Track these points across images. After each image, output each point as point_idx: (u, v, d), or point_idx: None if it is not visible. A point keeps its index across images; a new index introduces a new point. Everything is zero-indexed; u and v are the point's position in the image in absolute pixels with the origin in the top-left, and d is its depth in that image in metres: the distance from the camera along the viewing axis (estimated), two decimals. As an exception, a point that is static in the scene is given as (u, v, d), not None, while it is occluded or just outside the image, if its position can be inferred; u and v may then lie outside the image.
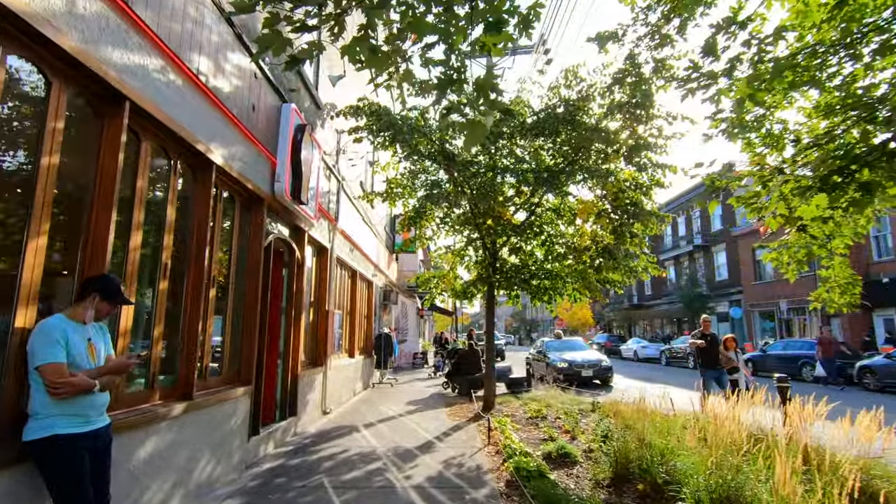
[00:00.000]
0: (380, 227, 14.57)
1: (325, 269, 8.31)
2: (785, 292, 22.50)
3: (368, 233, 12.45)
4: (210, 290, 4.40)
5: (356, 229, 10.74)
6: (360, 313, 12.15)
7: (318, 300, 8.18)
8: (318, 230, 7.64)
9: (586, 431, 6.90)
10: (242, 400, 4.85)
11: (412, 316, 22.41)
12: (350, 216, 10.04)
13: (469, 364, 11.33)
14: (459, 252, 10.58)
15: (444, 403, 9.83)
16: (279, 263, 6.53)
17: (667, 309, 35.11)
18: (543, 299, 9.29)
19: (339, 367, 9.17)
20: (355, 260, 10.92)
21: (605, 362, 13.91)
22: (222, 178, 4.58)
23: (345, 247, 9.74)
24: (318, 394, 7.77)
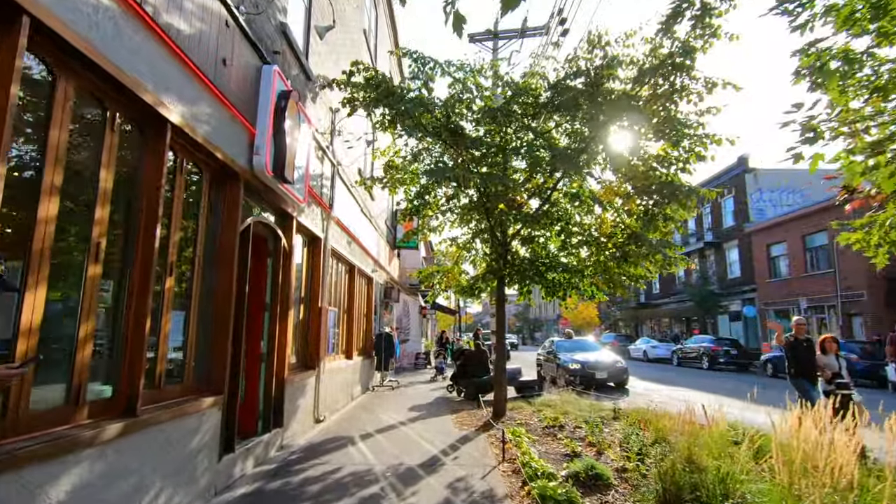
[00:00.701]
0: (380, 220, 13.75)
1: (318, 261, 7.48)
2: (804, 290, 21.58)
3: (368, 226, 11.63)
4: (167, 280, 3.57)
5: (354, 221, 9.91)
6: (358, 311, 11.33)
7: (309, 296, 7.35)
8: (308, 217, 6.81)
9: (613, 444, 6.05)
10: (210, 412, 4.03)
11: (414, 315, 21.58)
12: (347, 205, 9.22)
13: (476, 366, 10.49)
14: (465, 245, 9.76)
15: (449, 409, 9.00)
16: (262, 252, 5.71)
17: (675, 308, 34.20)
18: (558, 295, 8.46)
19: (334, 370, 8.35)
20: (353, 254, 10.09)
21: (620, 364, 13.05)
22: (183, 143, 3.75)
23: (341, 238, 8.92)
24: (310, 400, 6.95)
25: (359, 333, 11.36)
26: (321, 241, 7.53)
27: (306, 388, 6.77)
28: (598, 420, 7.35)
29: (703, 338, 22.88)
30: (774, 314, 24.88)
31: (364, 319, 12.21)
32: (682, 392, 12.37)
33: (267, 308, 5.65)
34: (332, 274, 8.83)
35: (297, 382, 6.36)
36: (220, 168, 4.33)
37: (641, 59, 5.85)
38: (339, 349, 9.28)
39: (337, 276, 9.25)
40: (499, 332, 8.32)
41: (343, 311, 9.89)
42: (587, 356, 13.41)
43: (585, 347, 14.61)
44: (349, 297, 10.27)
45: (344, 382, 9.11)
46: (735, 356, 20.18)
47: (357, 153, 9.89)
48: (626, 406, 8.75)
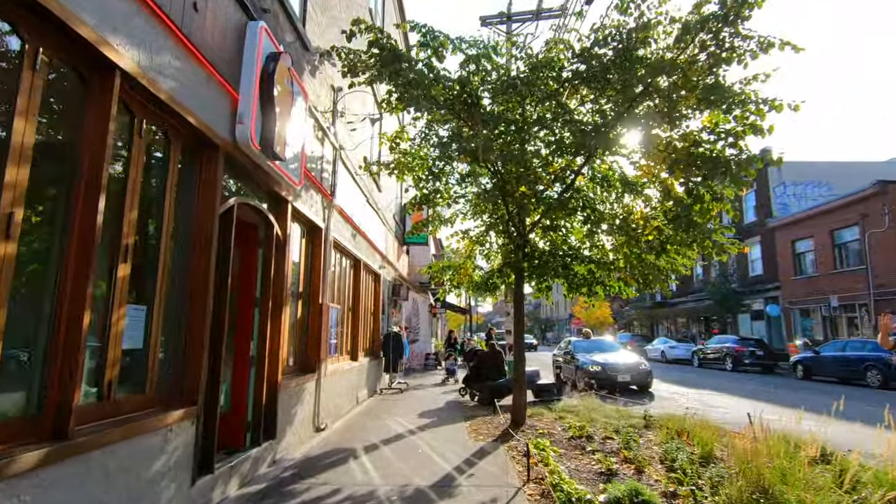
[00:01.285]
0: (388, 214, 13.07)
1: (318, 253, 6.80)
2: (834, 287, 20.52)
3: (374, 218, 10.95)
4: (120, 266, 2.90)
5: (359, 212, 9.23)
6: (365, 309, 10.65)
7: (309, 291, 6.67)
8: (306, 204, 6.13)
9: (653, 460, 5.28)
10: (181, 428, 3.35)
11: (424, 314, 20.90)
12: (351, 194, 8.54)
13: (491, 368, 9.76)
14: (478, 238, 9.04)
15: (462, 416, 8.28)
16: (251, 240, 5.04)
17: (693, 307, 33.11)
18: (581, 291, 7.71)
19: (337, 373, 7.67)
20: (359, 248, 9.41)
21: (643, 365, 12.23)
22: (142, 101, 3.08)
23: (345, 230, 8.23)
24: (309, 407, 6.27)
25: (365, 333, 10.68)
26: (322, 231, 6.84)
27: (305, 394, 6.09)
28: (629, 430, 6.58)
29: (726, 338, 21.90)
30: (799, 313, 23.81)
31: (371, 318, 11.53)
32: (712, 396, 11.52)
33: (257, 304, 4.97)
34: (335, 268, 8.15)
35: (294, 387, 5.68)
36: (193, 136, 3.64)
37: (684, 17, 5.06)
38: (342, 350, 8.61)
39: (340, 271, 8.57)
40: (517, 331, 7.57)
41: (347, 309, 9.21)
42: (607, 357, 12.60)
43: (605, 348, 13.79)
44: (354, 294, 9.59)
45: (348, 386, 8.43)
46: (761, 357, 19.20)
47: (362, 136, 9.20)
48: (656, 412, 7.97)
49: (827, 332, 21.82)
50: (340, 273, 8.57)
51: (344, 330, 8.74)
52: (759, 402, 10.59)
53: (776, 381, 15.61)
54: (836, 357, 15.08)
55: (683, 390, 12.57)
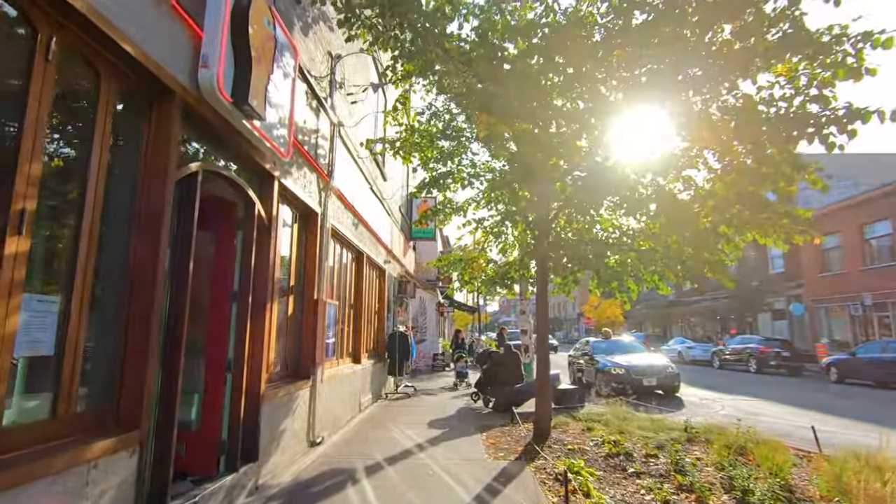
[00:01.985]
0: (393, 205, 12.19)
1: (313, 242, 5.93)
2: (867, 284, 19.38)
3: (379, 208, 10.07)
4: (10, 241, 2.03)
5: (362, 199, 8.36)
6: (368, 307, 9.78)
7: (302, 285, 5.81)
8: (298, 183, 5.26)
9: (715, 488, 4.36)
10: (113, 462, 2.48)
11: (431, 313, 20.03)
12: (352, 178, 7.66)
13: (507, 372, 8.86)
14: (493, 228, 8.14)
15: (476, 425, 7.38)
16: (226, 220, 4.17)
17: (710, 306, 32.01)
18: (611, 286, 6.80)
19: (336, 378, 6.80)
20: (361, 239, 8.54)
21: (671, 368, 11.27)
22: (51, 13, 2.20)
23: (345, 218, 7.36)
24: (302, 419, 5.40)
25: (368, 333, 9.81)
26: (317, 216, 5.97)
27: (296, 404, 5.22)
28: (674, 445, 5.66)
29: (750, 338, 20.83)
30: (824, 312, 22.69)
31: (375, 317, 10.66)
32: (749, 403, 10.53)
33: (235, 299, 4.10)
34: (334, 260, 7.28)
35: (283, 397, 4.81)
36: (136, 75, 2.77)
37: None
38: (343, 352, 7.73)
39: (340, 265, 7.70)
40: (541, 330, 6.66)
41: (349, 306, 8.34)
42: (631, 359, 11.66)
43: (627, 348, 12.84)
44: (356, 290, 8.72)
45: (349, 392, 7.56)
46: (787, 359, 18.13)
47: (364, 111, 8.29)
48: (693, 420, 7.04)
49: (856, 332, 20.71)
50: (340, 267, 7.70)
51: (344, 329, 7.88)
52: (804, 409, 9.63)
53: (808, 384, 14.57)
54: (874, 359, 14.02)
55: (714, 395, 11.59)
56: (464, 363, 11.23)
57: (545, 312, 6.67)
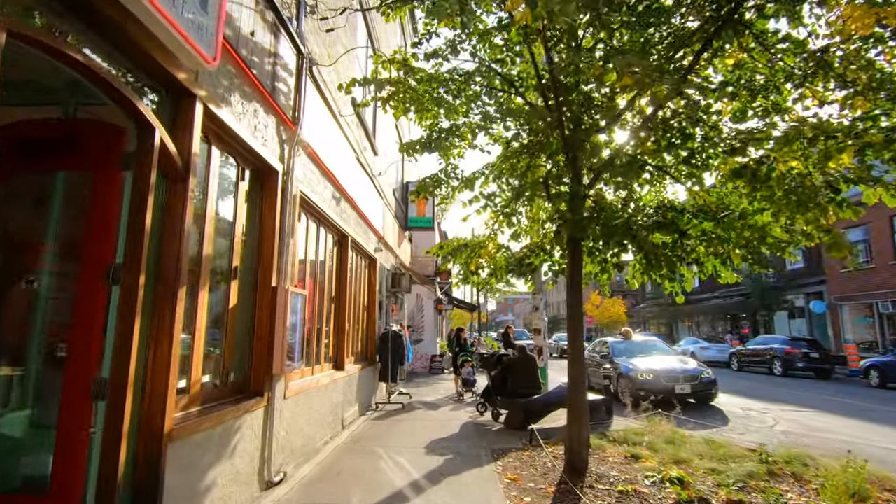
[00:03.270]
0: (386, 187, 10.64)
1: (271, 208, 4.37)
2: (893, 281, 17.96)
3: (368, 186, 8.52)
4: None
5: (346, 170, 6.81)
6: (355, 302, 8.23)
7: (255, 268, 4.25)
8: (243, 119, 3.71)
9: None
10: None
11: (429, 310, 18.49)
12: (332, 140, 6.12)
13: (521, 379, 7.32)
14: (506, 207, 6.61)
15: (487, 449, 5.85)
16: (102, 153, 2.61)
17: (720, 304, 30.59)
18: (660, 273, 5.29)
19: (308, 391, 5.26)
20: (345, 219, 6.99)
21: (706, 373, 9.76)
22: None
23: (322, 188, 5.82)
24: (251, 455, 3.84)
25: (355, 333, 8.26)
26: (278, 176, 4.41)
27: (240, 435, 3.66)
28: (768, 488, 4.14)
29: (774, 337, 19.37)
30: (848, 310, 21.26)
31: (364, 314, 9.11)
32: (802, 414, 8.99)
33: (115, 278, 2.54)
34: (308, 241, 5.73)
35: (212, 429, 3.26)
36: None
37: None
38: (319, 357, 6.17)
39: (317, 247, 6.15)
40: (574, 323, 5.12)
41: (329, 300, 6.79)
42: (659, 362, 10.14)
43: (650, 350, 11.33)
44: (339, 280, 7.17)
45: (327, 407, 6.02)
46: (815, 360, 16.68)
47: (350, 55, 6.71)
48: (748, 439, 5.55)
49: (885, 331, 19.31)
50: (317, 250, 6.14)
51: (322, 329, 6.32)
52: (871, 422, 8.13)
53: (847, 389, 13.10)
54: (924, 361, 12.57)
55: (754, 404, 10.07)
56: (470, 368, 9.62)
57: (579, 303, 5.14)
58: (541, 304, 9.49)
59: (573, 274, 5.07)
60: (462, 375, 9.26)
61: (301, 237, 5.49)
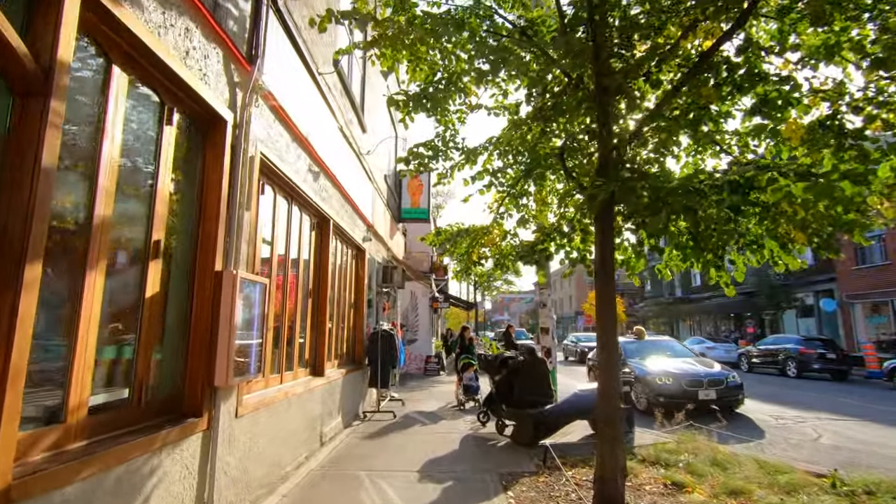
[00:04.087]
0: (376, 171, 9.60)
1: (215, 169, 3.33)
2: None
3: (355, 165, 7.49)
4: None
5: (327, 141, 5.79)
6: (339, 297, 7.21)
7: (190, 244, 3.21)
8: (163, 32, 2.66)
9: None
10: None
11: (424, 308, 17.46)
12: (307, 99, 5.07)
13: (531, 385, 6.31)
14: (513, 188, 5.66)
15: (494, 472, 4.83)
16: None
17: (723, 302, 29.71)
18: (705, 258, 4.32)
19: (273, 405, 4.22)
20: (326, 198, 5.96)
21: (732, 377, 8.79)
22: None
23: (293, 154, 4.78)
24: (181, 501, 2.80)
25: (339, 332, 7.23)
26: (226, 127, 3.37)
27: (158, 476, 2.62)
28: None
29: (786, 337, 18.48)
30: (860, 308, 20.44)
31: (351, 311, 8.09)
32: (841, 423, 7.99)
33: None
34: (274, 219, 4.68)
35: (104, 474, 2.23)
36: None
37: None
38: (291, 362, 5.12)
39: (288, 228, 5.10)
40: (605, 318, 4.10)
41: (307, 294, 5.75)
42: (678, 365, 9.17)
43: (666, 351, 10.37)
44: (319, 270, 6.13)
45: (303, 421, 4.98)
46: (832, 361, 15.79)
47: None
48: (796, 455, 4.57)
49: (900, 330, 18.49)
50: (289, 231, 5.09)
51: (294, 326, 5.27)
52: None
53: (873, 393, 12.18)
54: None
55: (786, 412, 9.11)
56: (473, 373, 8.52)
57: (610, 293, 4.12)
58: (548, 299, 8.49)
59: (603, 258, 4.06)
60: (463, 381, 8.17)
61: (266, 214, 4.45)
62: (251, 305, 3.57)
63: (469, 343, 9.07)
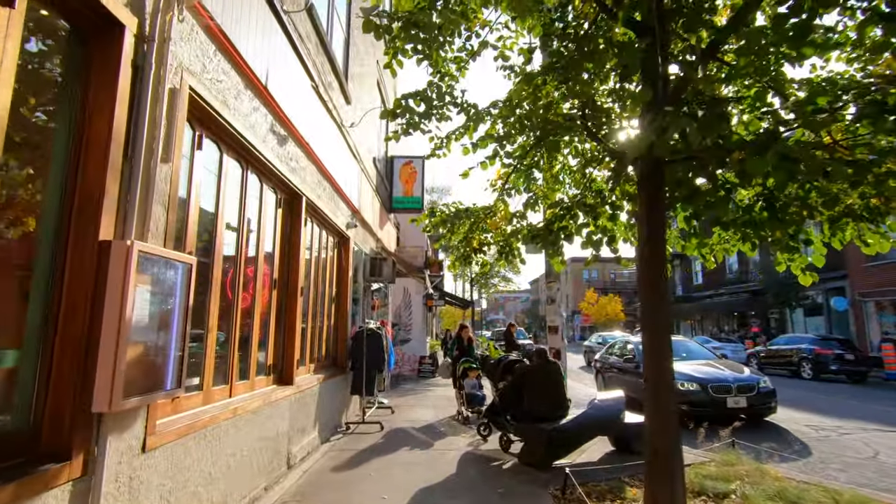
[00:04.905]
0: (364, 152, 8.56)
1: (107, 92, 2.28)
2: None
3: (335, 137, 6.45)
4: None
5: (299, 103, 4.76)
6: (317, 290, 6.18)
7: (63, 199, 2.17)
8: None
9: None
10: None
11: (418, 306, 16.43)
12: (268, 43, 4.02)
13: (543, 395, 5.28)
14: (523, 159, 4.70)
15: (502, 509, 3.82)
16: None
17: (727, 301, 28.86)
18: (775, 238, 3.38)
19: (212, 428, 3.19)
20: (296, 169, 4.93)
21: (763, 383, 7.81)
22: None
23: (250, 108, 3.74)
24: None
25: (317, 332, 6.20)
26: (122, 36, 2.32)
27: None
28: None
29: (800, 337, 17.59)
30: (874, 306, 19.59)
31: (332, 307, 7.06)
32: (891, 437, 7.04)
33: None
34: (219, 185, 3.63)
35: None
36: None
37: None
38: (246, 369, 4.08)
39: (242, 201, 4.04)
40: (658, 312, 3.09)
41: (270, 284, 4.71)
42: (702, 369, 8.18)
43: (684, 352, 9.38)
44: (288, 256, 5.09)
45: (259, 442, 3.94)
46: (850, 362, 14.89)
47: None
48: (849, 476, 3.59)
49: (918, 329, 17.64)
50: (243, 205, 4.04)
51: (247, 324, 4.22)
52: None
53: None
54: None
55: (822, 421, 8.15)
56: (475, 380, 7.33)
57: (659, 279, 3.10)
58: (557, 294, 7.47)
59: (652, 231, 3.05)
60: (466, 389, 7.02)
61: (203, 175, 3.41)
62: (167, 293, 2.53)
63: (468, 344, 7.99)
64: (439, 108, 4.23)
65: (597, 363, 11.56)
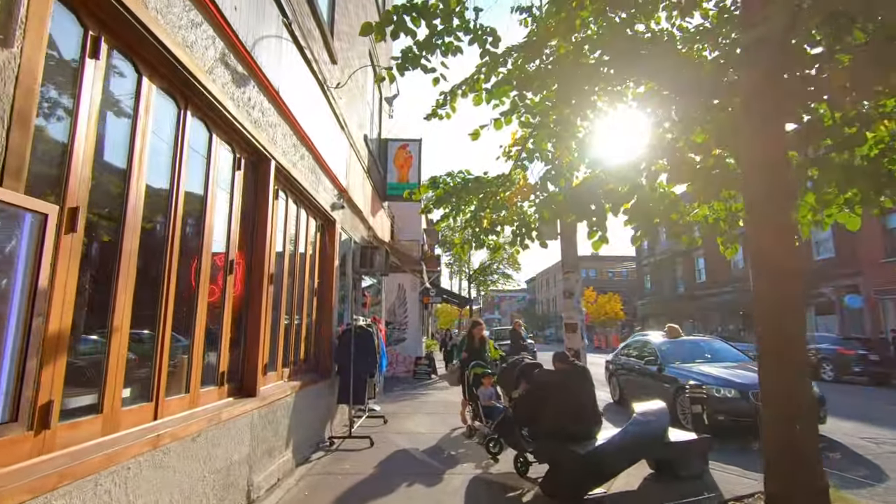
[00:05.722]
0: (354, 127, 7.50)
1: None
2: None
3: (317, 96, 5.39)
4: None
5: (265, 44, 3.70)
6: (292, 279, 5.13)
7: None
8: None
9: None
10: None
11: (414, 303, 15.38)
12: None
13: (571, 408, 4.23)
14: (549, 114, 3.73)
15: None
16: None
17: (730, 299, 27.99)
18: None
19: (113, 470, 2.13)
20: (262, 124, 3.87)
21: (810, 388, 6.81)
22: None
23: (190, 27, 2.68)
24: None
25: (292, 330, 5.14)
26: None
27: None
28: None
29: (820, 336, 16.71)
30: (892, 304, 18.73)
31: (314, 300, 6.01)
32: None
33: None
34: (137, 119, 2.56)
35: None
36: None
37: None
38: (184, 382, 3.02)
39: (178, 151, 2.98)
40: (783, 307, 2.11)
41: (228, 269, 3.65)
42: (738, 373, 7.16)
43: (712, 354, 8.38)
44: (252, 233, 4.03)
45: (196, 482, 2.89)
46: (874, 363, 13.99)
47: None
48: None
49: (938, 328, 16.79)
50: (179, 156, 2.98)
51: (186, 319, 3.15)
52: None
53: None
54: None
55: (879, 433, 7.14)
56: (492, 389, 6.00)
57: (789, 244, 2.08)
58: (577, 286, 6.44)
59: (773, 166, 2.03)
60: (482, 400, 5.67)
61: (103, 99, 2.36)
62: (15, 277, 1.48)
63: (480, 345, 6.77)
64: (445, 33, 3.21)
65: (609, 365, 10.56)
